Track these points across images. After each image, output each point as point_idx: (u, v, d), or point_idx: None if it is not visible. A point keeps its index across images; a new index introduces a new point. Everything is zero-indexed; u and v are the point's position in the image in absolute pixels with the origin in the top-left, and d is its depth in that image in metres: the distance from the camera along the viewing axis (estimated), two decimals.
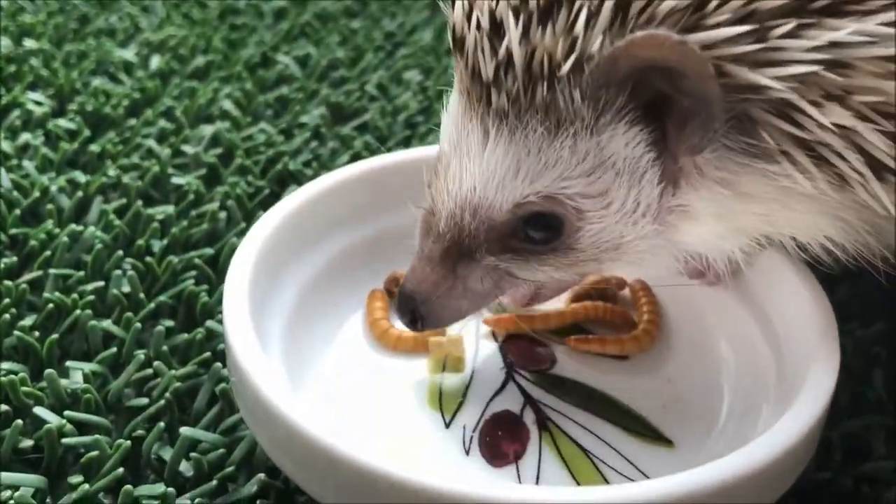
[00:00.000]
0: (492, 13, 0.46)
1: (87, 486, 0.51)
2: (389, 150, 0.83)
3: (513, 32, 0.45)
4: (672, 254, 0.52)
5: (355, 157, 0.82)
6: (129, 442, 0.54)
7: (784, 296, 0.55)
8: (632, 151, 0.47)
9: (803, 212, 0.48)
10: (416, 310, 0.51)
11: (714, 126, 0.44)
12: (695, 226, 0.50)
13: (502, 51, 0.46)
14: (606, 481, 0.50)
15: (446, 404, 0.55)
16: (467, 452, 0.52)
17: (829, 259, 0.52)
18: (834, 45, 0.43)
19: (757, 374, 0.55)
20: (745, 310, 0.59)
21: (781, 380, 0.52)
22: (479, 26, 0.47)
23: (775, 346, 0.55)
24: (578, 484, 0.50)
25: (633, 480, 0.50)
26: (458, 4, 0.49)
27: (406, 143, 0.86)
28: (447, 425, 0.53)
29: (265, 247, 0.56)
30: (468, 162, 0.48)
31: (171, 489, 0.52)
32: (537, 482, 0.50)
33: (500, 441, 0.52)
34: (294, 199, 0.61)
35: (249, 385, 0.47)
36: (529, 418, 0.54)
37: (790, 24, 0.43)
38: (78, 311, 0.62)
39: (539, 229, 0.49)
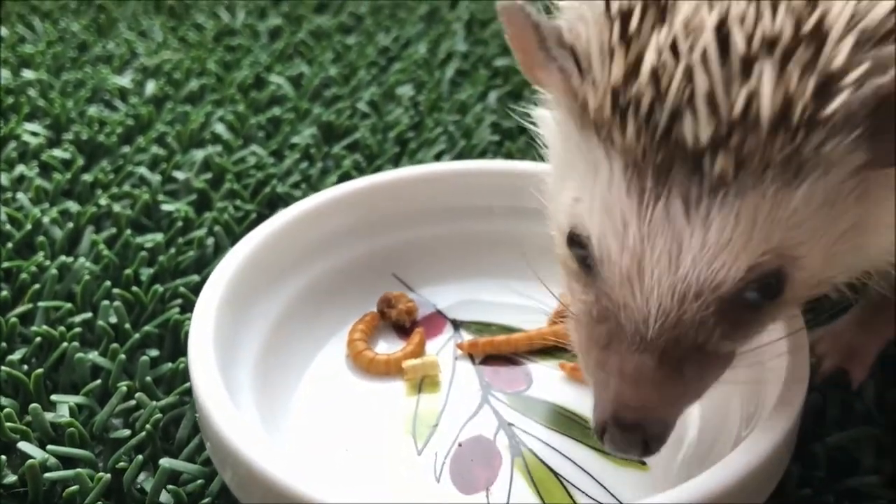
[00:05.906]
0: (721, 58, 0.39)
1: None
2: (379, 168, 0.84)
3: (766, 77, 0.38)
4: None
5: (344, 177, 0.82)
6: (109, 475, 0.55)
7: None
8: (852, 175, 0.41)
9: None
10: (648, 437, 0.43)
11: None
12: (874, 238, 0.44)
13: (739, 105, 0.38)
14: None
15: (419, 430, 0.55)
16: (438, 480, 0.52)
17: None
18: None
19: (727, 390, 0.54)
20: None
21: (752, 396, 0.51)
22: (690, 79, 0.39)
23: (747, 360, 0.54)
24: None
25: None
26: (617, 62, 0.40)
27: (396, 160, 0.86)
28: (419, 452, 0.54)
29: (234, 278, 0.57)
30: (673, 241, 0.40)
31: None
32: None
33: (472, 468, 0.52)
34: (270, 225, 0.61)
35: (212, 428, 0.48)
36: (502, 443, 0.54)
37: None
38: (66, 344, 0.63)
39: (758, 290, 0.42)
